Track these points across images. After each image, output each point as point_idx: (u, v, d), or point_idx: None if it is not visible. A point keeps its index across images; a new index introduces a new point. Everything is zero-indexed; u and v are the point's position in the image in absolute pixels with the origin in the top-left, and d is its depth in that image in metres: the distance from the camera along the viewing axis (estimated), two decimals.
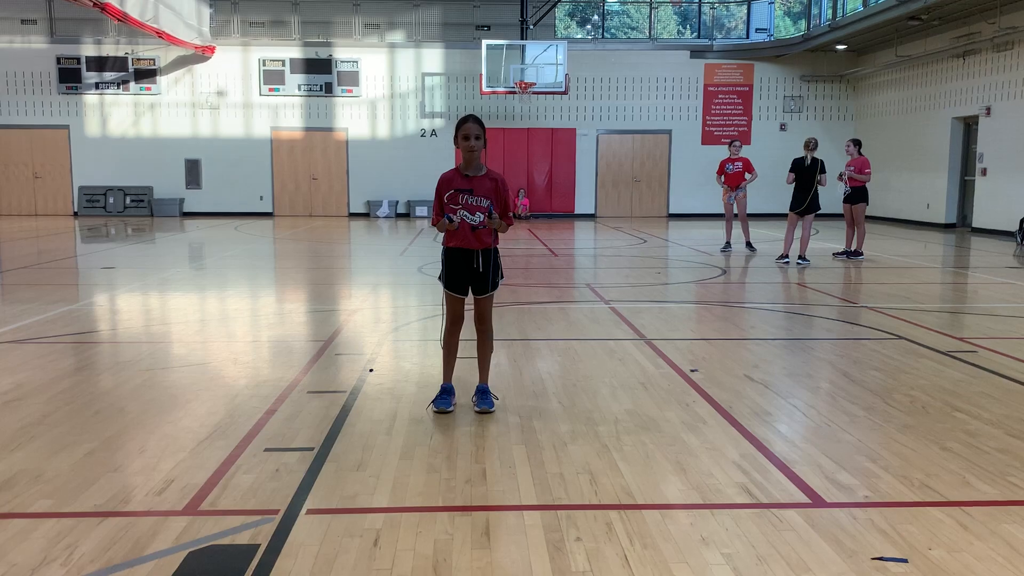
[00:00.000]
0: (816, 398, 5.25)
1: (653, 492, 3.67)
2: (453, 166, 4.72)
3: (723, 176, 14.03)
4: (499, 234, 4.89)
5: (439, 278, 4.98)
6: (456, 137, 4.66)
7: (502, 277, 4.95)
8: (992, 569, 2.98)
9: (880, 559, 3.04)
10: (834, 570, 2.97)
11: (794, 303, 9.35)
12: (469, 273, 4.82)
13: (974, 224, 18.53)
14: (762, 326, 7.90)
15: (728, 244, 14.24)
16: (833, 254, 13.48)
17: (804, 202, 12.28)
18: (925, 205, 20.24)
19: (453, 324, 4.93)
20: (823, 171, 12.23)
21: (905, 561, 3.02)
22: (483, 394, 4.92)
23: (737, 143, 14.17)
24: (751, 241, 14.14)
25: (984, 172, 18.07)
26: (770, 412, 4.92)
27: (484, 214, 4.68)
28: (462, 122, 4.65)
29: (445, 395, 4.90)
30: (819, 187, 12.28)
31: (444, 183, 4.75)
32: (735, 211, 14.05)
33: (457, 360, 5.03)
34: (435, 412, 4.82)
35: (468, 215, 4.69)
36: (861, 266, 12.33)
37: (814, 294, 9.73)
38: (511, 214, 4.86)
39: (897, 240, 16.73)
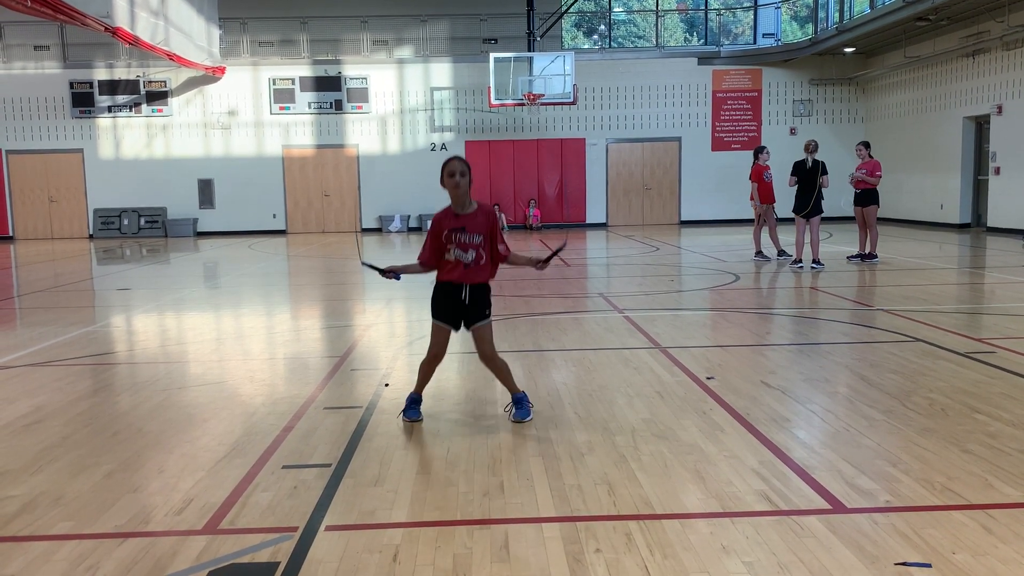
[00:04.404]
0: (834, 403, 5.21)
1: (672, 501, 3.66)
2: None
3: (758, 184, 13.52)
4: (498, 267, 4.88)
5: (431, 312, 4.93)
6: (442, 177, 4.67)
7: (490, 313, 4.88)
8: (1018, 573, 2.94)
9: (904, 564, 3.01)
10: None
11: (809, 307, 9.30)
12: (455, 305, 4.78)
13: (989, 223, 18.40)
14: (778, 331, 7.86)
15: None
16: (847, 257, 13.40)
17: (807, 204, 12.31)
18: (939, 206, 20.12)
19: (434, 358, 4.91)
20: (824, 172, 12.24)
21: (929, 566, 2.99)
22: (518, 404, 4.92)
23: (767, 149, 13.87)
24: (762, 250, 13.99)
25: (997, 171, 17.95)
26: (788, 418, 4.89)
27: (476, 251, 4.68)
28: (446, 162, 4.68)
29: (414, 405, 5.00)
30: (822, 189, 12.27)
31: (437, 223, 4.76)
32: (763, 219, 13.71)
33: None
34: (405, 422, 4.93)
35: (461, 253, 4.68)
36: (876, 269, 12.26)
37: (829, 298, 9.68)
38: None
39: (912, 241, 16.63)
